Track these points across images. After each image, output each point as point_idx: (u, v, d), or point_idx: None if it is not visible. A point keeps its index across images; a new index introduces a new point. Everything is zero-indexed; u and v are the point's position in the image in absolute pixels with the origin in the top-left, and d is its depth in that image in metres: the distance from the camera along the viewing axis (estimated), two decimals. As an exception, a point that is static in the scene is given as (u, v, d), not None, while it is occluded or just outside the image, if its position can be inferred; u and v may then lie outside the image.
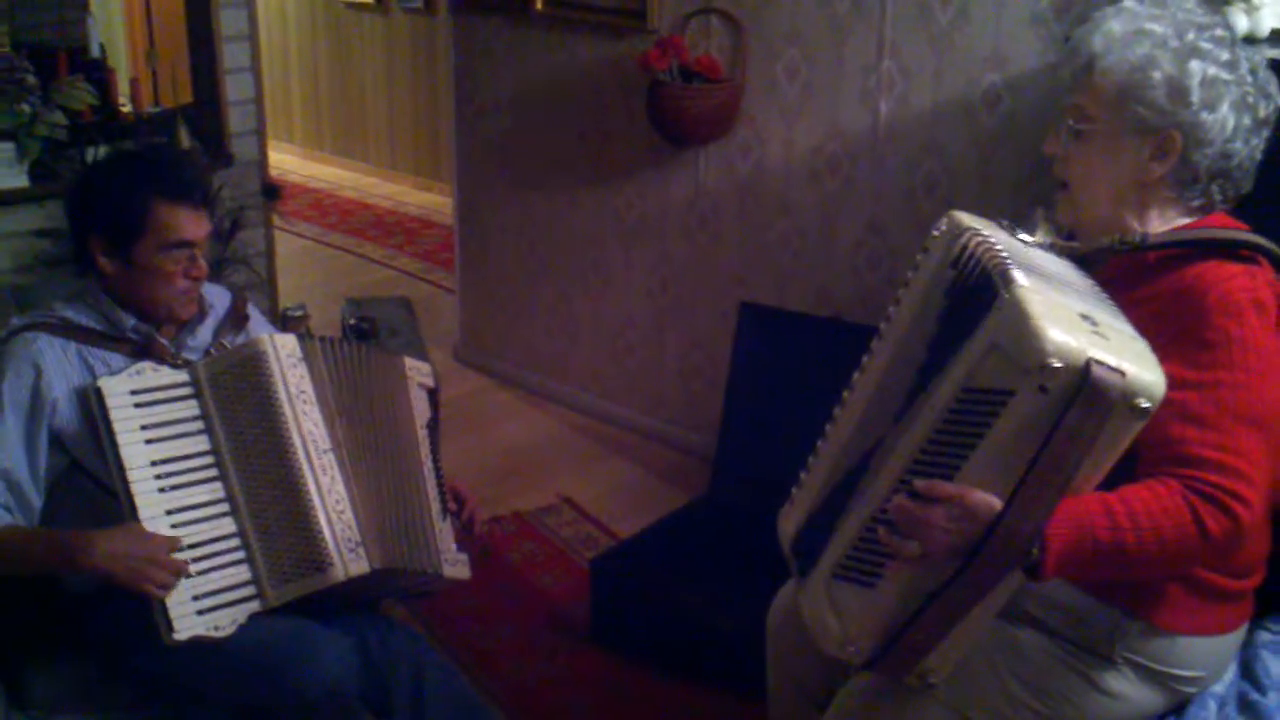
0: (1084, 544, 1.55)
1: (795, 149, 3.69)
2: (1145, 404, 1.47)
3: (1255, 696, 1.80)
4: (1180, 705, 1.81)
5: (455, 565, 2.39)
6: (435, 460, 2.42)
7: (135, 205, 2.21)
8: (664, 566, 3.13)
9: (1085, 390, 1.45)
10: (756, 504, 3.14)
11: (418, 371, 2.46)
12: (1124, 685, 1.78)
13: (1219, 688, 1.81)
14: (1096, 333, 1.50)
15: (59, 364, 2.18)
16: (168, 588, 2.02)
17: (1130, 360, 1.48)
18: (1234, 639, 1.84)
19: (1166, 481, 1.59)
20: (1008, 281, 1.55)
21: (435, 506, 2.37)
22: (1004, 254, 1.62)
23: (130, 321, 2.26)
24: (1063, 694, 1.79)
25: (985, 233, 1.71)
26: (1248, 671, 1.85)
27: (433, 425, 2.44)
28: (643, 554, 3.21)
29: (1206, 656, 1.79)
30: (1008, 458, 1.53)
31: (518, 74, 4.44)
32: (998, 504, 1.53)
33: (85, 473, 2.17)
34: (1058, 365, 1.45)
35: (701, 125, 3.76)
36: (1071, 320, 1.51)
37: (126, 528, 2.04)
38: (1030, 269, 1.60)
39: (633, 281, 4.29)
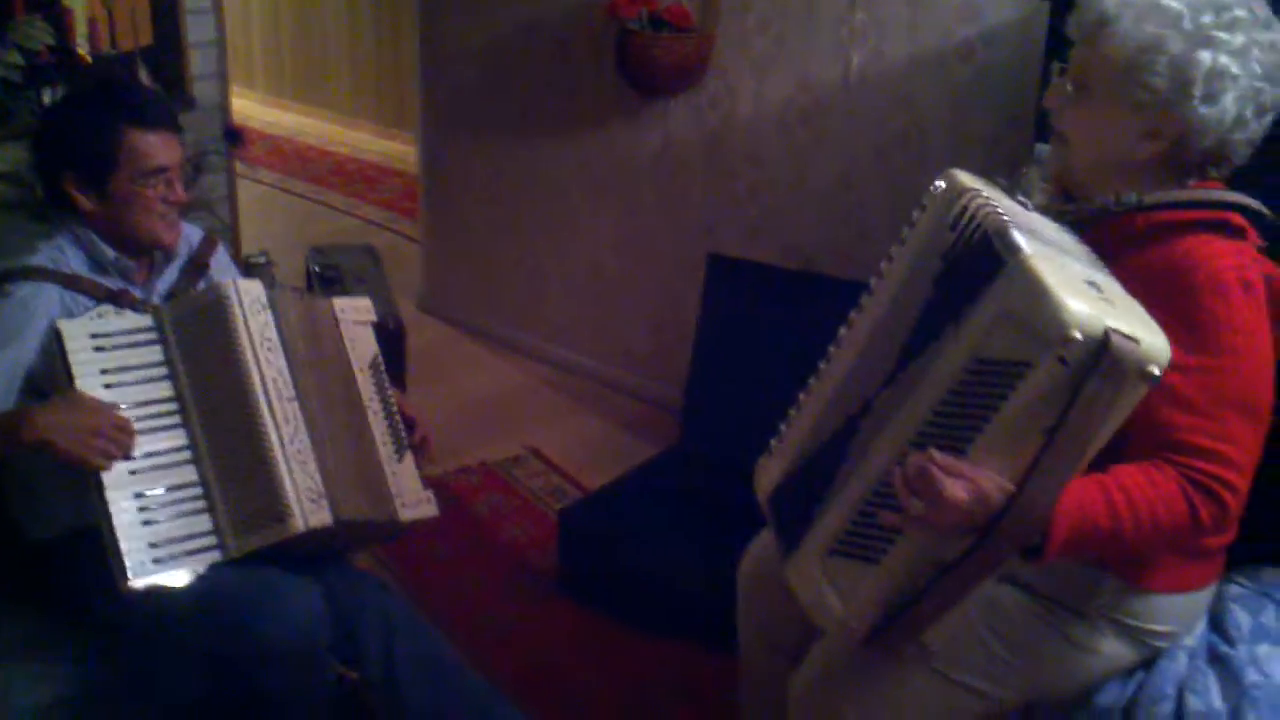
0: (1084, 531, 1.55)
1: (766, 101, 3.66)
2: (1156, 370, 1.44)
3: (1224, 649, 1.82)
4: (1152, 658, 1.82)
5: (417, 506, 2.35)
6: (384, 398, 2.37)
7: (106, 137, 2.17)
8: (633, 518, 3.13)
9: (1104, 360, 1.41)
10: (725, 456, 3.15)
11: (352, 310, 2.41)
12: (1100, 641, 1.79)
13: (1189, 640, 1.83)
14: (1104, 299, 1.47)
15: (44, 308, 2.13)
16: (110, 459, 2.00)
17: (1139, 326, 1.45)
18: (1206, 594, 1.85)
19: (1163, 468, 1.59)
20: (1014, 248, 1.50)
21: (386, 448, 2.34)
22: (1006, 217, 1.57)
23: (111, 255, 2.23)
24: (1040, 650, 1.80)
25: (986, 194, 1.65)
26: (1217, 625, 1.86)
27: (377, 363, 2.40)
28: (611, 505, 3.20)
29: (1180, 612, 1.81)
30: (1022, 431, 1.50)
31: (485, 21, 4.38)
32: (1009, 486, 1.52)
33: None
34: (1080, 337, 1.41)
35: (671, 75, 3.73)
36: (1081, 287, 1.47)
37: (66, 396, 2.01)
38: (1033, 234, 1.56)
39: (600, 233, 4.26)
